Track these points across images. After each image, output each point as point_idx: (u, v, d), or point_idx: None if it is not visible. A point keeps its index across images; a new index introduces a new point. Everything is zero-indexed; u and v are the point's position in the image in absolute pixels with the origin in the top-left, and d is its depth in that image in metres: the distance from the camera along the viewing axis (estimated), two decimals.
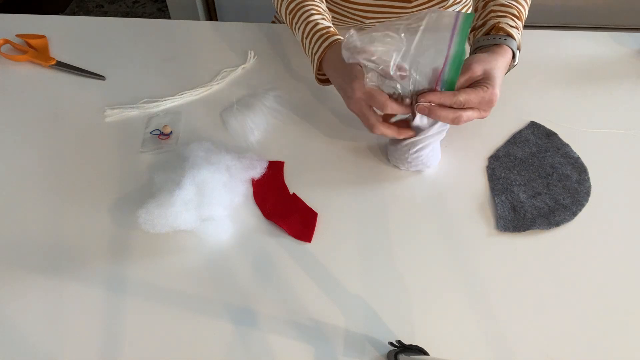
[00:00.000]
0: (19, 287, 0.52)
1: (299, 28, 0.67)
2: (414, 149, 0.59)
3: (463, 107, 0.56)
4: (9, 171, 0.63)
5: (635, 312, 0.51)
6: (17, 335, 0.49)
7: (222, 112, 0.70)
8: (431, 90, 0.56)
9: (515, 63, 0.66)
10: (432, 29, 0.53)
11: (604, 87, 0.74)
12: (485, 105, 0.57)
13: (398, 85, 0.56)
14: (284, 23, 0.72)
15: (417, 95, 0.56)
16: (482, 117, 0.59)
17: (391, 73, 0.54)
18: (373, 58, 0.54)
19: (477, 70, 0.58)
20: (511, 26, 0.65)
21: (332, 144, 0.66)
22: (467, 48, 0.70)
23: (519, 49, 0.65)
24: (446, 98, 0.56)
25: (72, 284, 0.52)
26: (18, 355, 0.48)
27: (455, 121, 0.56)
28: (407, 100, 0.57)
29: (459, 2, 0.81)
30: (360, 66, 0.56)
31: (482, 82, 0.58)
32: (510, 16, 0.66)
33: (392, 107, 0.56)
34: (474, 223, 0.58)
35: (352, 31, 0.55)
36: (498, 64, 0.60)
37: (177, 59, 0.79)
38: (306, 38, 0.66)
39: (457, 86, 0.56)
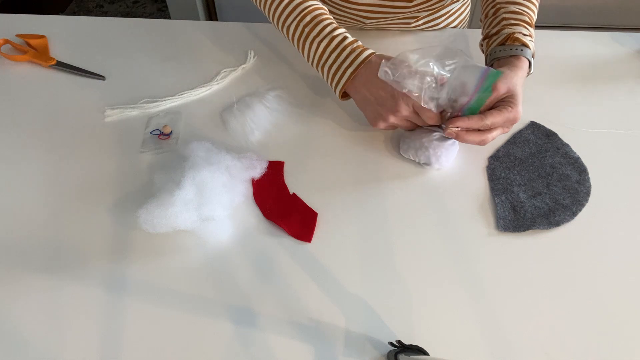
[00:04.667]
0: (19, 287, 0.52)
1: (320, 41, 0.64)
2: (436, 141, 0.61)
3: (489, 129, 0.59)
4: (8, 171, 0.63)
5: (635, 311, 0.51)
6: (17, 335, 0.49)
7: (222, 112, 0.70)
8: (458, 115, 0.59)
9: (531, 72, 0.67)
10: (460, 74, 0.57)
11: (604, 87, 0.74)
12: (509, 123, 0.60)
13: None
14: None
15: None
16: (505, 133, 0.62)
17: (422, 104, 0.58)
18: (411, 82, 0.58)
19: (502, 89, 0.59)
20: (525, 35, 0.66)
21: (332, 144, 0.66)
22: (482, 57, 0.71)
23: (533, 56, 0.66)
24: (474, 123, 0.58)
25: (72, 284, 0.52)
26: (18, 355, 0.48)
27: (481, 142, 0.60)
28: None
29: (457, 1, 0.81)
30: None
31: (506, 100, 0.60)
32: (523, 24, 0.67)
33: (435, 120, 0.61)
34: (474, 223, 0.58)
35: (384, 64, 0.58)
36: (519, 79, 0.61)
37: (177, 59, 0.79)
38: (331, 52, 0.63)
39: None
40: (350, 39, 0.64)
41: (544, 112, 0.70)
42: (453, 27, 0.89)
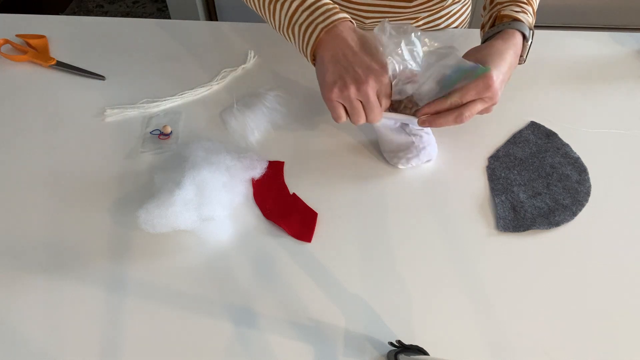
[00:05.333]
0: (19, 287, 0.52)
1: (293, 1, 0.59)
2: (414, 136, 0.60)
3: (462, 105, 0.56)
4: (8, 171, 0.63)
5: (635, 311, 0.51)
6: (17, 335, 0.49)
7: (222, 112, 0.70)
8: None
9: (530, 43, 0.64)
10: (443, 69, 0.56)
11: (604, 87, 0.74)
12: (485, 92, 0.55)
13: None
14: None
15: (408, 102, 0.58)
16: (492, 104, 0.57)
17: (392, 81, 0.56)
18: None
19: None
20: (516, 11, 0.64)
21: (333, 144, 0.66)
22: None
23: (530, 29, 0.63)
24: (439, 105, 0.56)
25: (72, 284, 0.52)
26: (18, 356, 0.48)
27: (458, 120, 0.56)
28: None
29: (458, 2, 0.81)
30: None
31: None
32: (517, 3, 0.65)
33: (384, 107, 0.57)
34: (474, 223, 0.58)
35: (388, 24, 0.55)
36: (494, 48, 0.59)
37: (177, 59, 0.79)
38: (304, 11, 0.58)
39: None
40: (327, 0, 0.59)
41: (544, 112, 0.70)
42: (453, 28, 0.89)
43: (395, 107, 0.59)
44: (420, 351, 0.45)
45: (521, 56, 0.64)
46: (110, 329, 0.49)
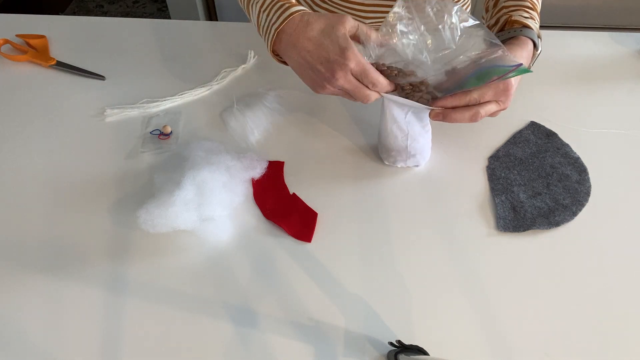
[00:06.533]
0: (19, 287, 0.52)
1: (256, 3, 0.58)
2: (408, 140, 0.59)
3: (479, 103, 0.55)
4: (9, 171, 0.63)
5: (634, 312, 0.51)
6: (17, 335, 0.49)
7: (222, 112, 0.70)
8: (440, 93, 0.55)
9: (539, 51, 0.64)
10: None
11: (604, 87, 0.74)
12: (502, 96, 0.55)
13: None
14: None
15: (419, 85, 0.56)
16: (503, 109, 0.57)
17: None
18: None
19: None
20: (525, 17, 0.63)
21: (332, 144, 0.66)
22: None
23: (539, 37, 0.63)
24: (459, 100, 0.55)
25: (72, 284, 0.52)
26: (18, 356, 0.47)
27: (473, 118, 0.55)
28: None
29: (458, 1, 0.81)
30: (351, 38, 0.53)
31: None
32: (524, 8, 0.65)
33: (383, 85, 0.54)
34: (474, 223, 0.58)
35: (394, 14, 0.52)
36: (512, 53, 0.58)
37: (177, 59, 0.79)
38: (263, 12, 0.57)
39: None
40: None
41: (544, 112, 0.70)
42: None
43: (411, 95, 0.57)
44: (420, 351, 0.45)
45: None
46: (110, 329, 0.49)
